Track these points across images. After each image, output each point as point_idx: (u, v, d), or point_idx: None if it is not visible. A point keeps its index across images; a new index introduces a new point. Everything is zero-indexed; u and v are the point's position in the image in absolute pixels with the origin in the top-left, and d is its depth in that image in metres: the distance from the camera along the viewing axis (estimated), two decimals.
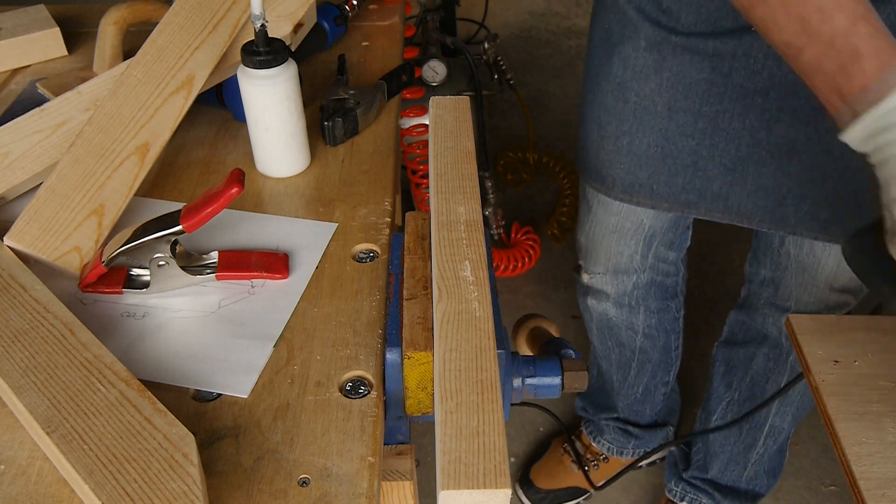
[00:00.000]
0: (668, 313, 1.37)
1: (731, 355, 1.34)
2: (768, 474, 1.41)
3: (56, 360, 0.64)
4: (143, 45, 0.88)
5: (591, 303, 1.37)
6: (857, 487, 0.72)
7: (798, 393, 1.25)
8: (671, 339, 1.41)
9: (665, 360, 1.44)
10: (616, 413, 1.54)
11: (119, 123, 0.84)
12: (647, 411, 1.53)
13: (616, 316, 1.35)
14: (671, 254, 1.27)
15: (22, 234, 0.76)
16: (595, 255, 1.26)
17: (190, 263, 0.76)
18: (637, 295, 1.30)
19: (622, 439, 1.57)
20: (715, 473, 1.44)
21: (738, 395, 1.34)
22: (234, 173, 0.72)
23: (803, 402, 1.27)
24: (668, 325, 1.38)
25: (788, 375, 1.24)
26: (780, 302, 1.19)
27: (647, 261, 1.25)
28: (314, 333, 0.71)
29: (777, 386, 1.26)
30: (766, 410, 1.30)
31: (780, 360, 1.24)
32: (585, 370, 0.75)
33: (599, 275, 1.29)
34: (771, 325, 1.22)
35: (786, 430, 1.33)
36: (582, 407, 1.63)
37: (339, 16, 1.12)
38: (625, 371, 1.45)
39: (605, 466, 1.61)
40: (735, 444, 1.38)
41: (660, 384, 1.48)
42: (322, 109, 0.94)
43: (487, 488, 0.55)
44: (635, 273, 1.27)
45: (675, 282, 1.34)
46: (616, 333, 1.39)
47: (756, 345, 1.28)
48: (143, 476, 0.56)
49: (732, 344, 1.33)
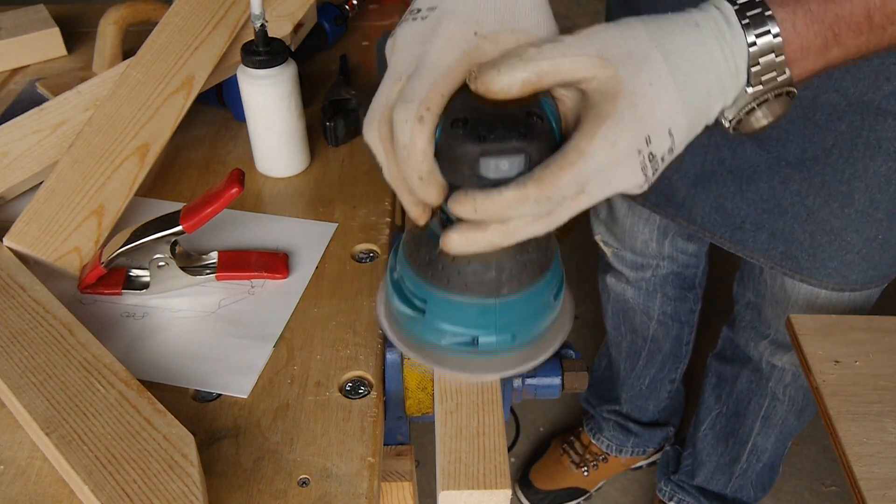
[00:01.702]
0: (684, 303, 1.37)
1: (721, 370, 1.34)
2: (756, 487, 1.41)
3: (55, 360, 0.63)
4: (143, 45, 0.88)
5: (610, 281, 1.37)
6: (858, 488, 0.72)
7: (780, 418, 1.25)
8: (684, 331, 1.41)
9: (675, 353, 1.44)
10: (618, 406, 1.55)
11: (119, 124, 0.83)
12: (651, 408, 1.53)
13: (633, 298, 1.35)
14: (691, 245, 1.26)
15: (22, 235, 0.76)
16: (614, 230, 1.27)
17: (189, 264, 0.76)
18: (655, 282, 1.31)
19: (622, 436, 1.57)
20: (701, 481, 1.45)
21: (726, 409, 1.34)
22: (234, 173, 0.72)
23: (786, 426, 1.26)
24: (683, 315, 1.38)
25: (770, 400, 1.23)
26: (762, 328, 1.17)
27: (665, 249, 1.25)
28: (314, 333, 0.71)
29: (759, 408, 1.25)
30: (749, 429, 1.30)
31: (761, 384, 1.23)
32: (585, 370, 0.75)
33: (618, 250, 1.29)
34: (752, 349, 1.21)
35: (769, 450, 1.32)
36: (585, 398, 1.62)
37: (340, 16, 1.12)
38: (633, 360, 1.45)
39: (604, 466, 1.62)
40: (721, 456, 1.38)
41: (666, 380, 1.48)
42: (324, 110, 0.94)
43: (487, 489, 0.55)
44: (654, 259, 1.27)
45: (694, 273, 1.34)
46: (630, 318, 1.39)
47: (741, 364, 1.27)
48: (142, 477, 0.56)
49: (723, 359, 1.33)
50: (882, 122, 0.81)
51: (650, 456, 1.65)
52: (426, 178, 0.49)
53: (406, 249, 0.57)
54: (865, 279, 0.95)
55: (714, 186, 0.97)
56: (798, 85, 0.52)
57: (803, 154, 0.87)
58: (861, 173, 0.85)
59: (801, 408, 1.23)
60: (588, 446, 1.62)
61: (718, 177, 0.95)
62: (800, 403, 1.22)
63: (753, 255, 0.99)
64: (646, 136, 0.47)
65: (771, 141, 0.88)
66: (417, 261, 0.56)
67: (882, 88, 0.79)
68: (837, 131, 0.83)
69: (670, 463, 1.56)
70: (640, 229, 1.21)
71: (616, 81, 0.46)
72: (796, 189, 0.90)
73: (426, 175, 0.48)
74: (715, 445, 1.39)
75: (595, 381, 1.61)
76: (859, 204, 0.87)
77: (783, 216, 0.93)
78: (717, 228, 1.00)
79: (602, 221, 1.28)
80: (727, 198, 0.96)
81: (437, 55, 0.49)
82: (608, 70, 0.46)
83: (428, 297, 0.56)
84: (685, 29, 0.48)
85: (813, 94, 0.82)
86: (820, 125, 0.83)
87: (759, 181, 0.93)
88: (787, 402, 1.22)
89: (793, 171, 0.89)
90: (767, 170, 0.91)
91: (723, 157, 0.94)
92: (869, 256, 0.93)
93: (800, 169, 0.88)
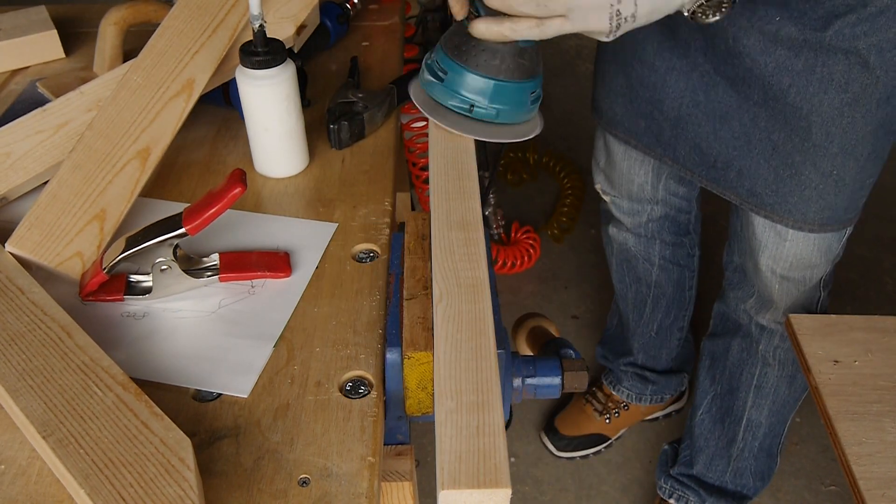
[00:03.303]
0: (682, 248, 1.44)
1: (713, 348, 1.39)
2: (755, 476, 1.43)
3: (53, 363, 0.63)
4: (143, 49, 0.88)
5: (612, 231, 1.45)
6: (857, 487, 0.72)
7: (772, 386, 1.29)
8: (685, 276, 1.48)
9: (678, 299, 1.50)
10: (632, 358, 1.62)
11: (119, 128, 0.84)
12: (664, 356, 1.60)
13: (634, 246, 1.43)
14: (681, 189, 1.33)
15: (23, 240, 0.76)
16: (611, 176, 1.33)
17: (191, 266, 0.76)
18: (652, 228, 1.38)
19: (640, 385, 1.65)
20: (700, 469, 1.47)
21: (721, 389, 1.39)
22: (235, 173, 0.72)
23: (778, 395, 1.30)
24: (682, 259, 1.45)
25: (761, 366, 1.28)
26: (747, 287, 1.23)
27: (659, 193, 1.31)
28: (314, 333, 0.72)
29: (751, 378, 1.31)
30: (742, 403, 1.35)
31: (752, 351, 1.28)
32: (585, 370, 0.75)
33: (616, 198, 1.36)
34: (742, 313, 1.27)
35: (764, 424, 1.35)
36: (602, 354, 1.72)
37: (342, 14, 1.12)
38: (640, 309, 1.53)
39: (625, 414, 1.70)
40: (718, 439, 1.42)
41: (674, 327, 1.55)
42: (329, 112, 0.94)
43: (487, 488, 0.55)
44: (649, 204, 1.34)
45: (687, 219, 1.41)
46: (634, 266, 1.46)
47: (731, 335, 1.33)
48: (139, 481, 0.55)
49: (714, 336, 1.39)
50: (832, 58, 0.88)
51: (667, 405, 1.74)
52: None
53: (444, 40, 0.86)
54: (822, 219, 1.02)
55: (691, 127, 1.06)
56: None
57: (766, 93, 0.95)
58: (816, 108, 0.92)
59: (791, 374, 1.27)
60: (610, 396, 1.70)
61: (695, 118, 1.05)
62: (790, 369, 1.26)
63: (725, 192, 1.08)
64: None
65: (739, 82, 0.97)
66: (449, 45, 0.85)
67: (832, 25, 0.86)
68: (795, 70, 0.91)
69: (669, 461, 1.58)
70: (635, 171, 1.29)
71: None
72: (764, 126, 0.98)
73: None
74: (712, 429, 1.43)
75: (609, 337, 1.70)
76: (816, 137, 0.94)
77: (751, 152, 1.01)
78: (695, 167, 1.09)
79: (601, 170, 1.35)
80: (702, 138, 1.05)
81: None
82: None
83: (449, 69, 0.85)
84: None
85: (775, 28, 0.89)
86: (780, 64, 0.92)
87: (732, 120, 1.01)
88: (777, 366, 1.27)
89: (760, 110, 0.97)
90: (738, 109, 0.99)
91: (698, 100, 1.03)
92: (825, 193, 0.99)
93: (765, 107, 0.96)
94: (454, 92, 0.86)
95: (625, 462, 1.71)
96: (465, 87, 0.85)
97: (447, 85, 0.86)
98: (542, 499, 1.64)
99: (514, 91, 0.86)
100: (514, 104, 0.87)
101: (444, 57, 0.85)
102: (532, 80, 0.86)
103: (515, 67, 0.84)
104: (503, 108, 0.86)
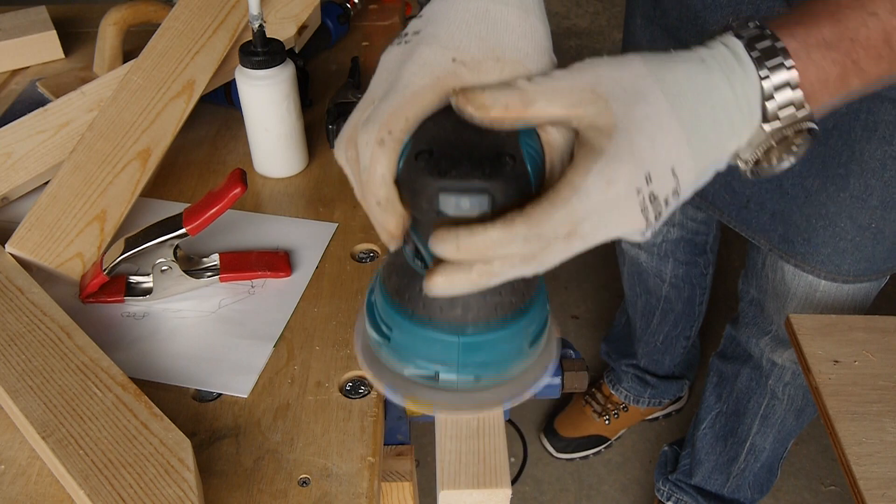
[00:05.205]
0: (695, 267, 1.41)
1: (722, 368, 1.36)
2: (753, 489, 1.42)
3: (52, 363, 0.63)
4: (144, 49, 0.88)
5: (624, 245, 1.43)
6: (857, 487, 0.72)
7: (779, 417, 1.26)
8: (696, 293, 1.46)
9: (688, 313, 1.49)
10: (635, 360, 1.62)
11: (120, 129, 0.84)
12: (667, 362, 1.60)
13: (646, 262, 1.40)
14: (700, 214, 1.28)
15: (24, 241, 0.76)
16: None
17: (191, 267, 0.76)
18: (666, 247, 1.36)
19: (639, 387, 1.64)
20: (699, 480, 1.46)
21: (726, 408, 1.36)
22: (235, 173, 0.72)
23: (784, 426, 1.28)
24: (694, 279, 1.43)
25: (769, 398, 1.25)
26: (764, 324, 1.18)
27: (675, 217, 1.28)
28: (314, 333, 0.72)
29: (758, 407, 1.28)
30: (747, 428, 1.32)
31: (761, 382, 1.25)
32: (585, 370, 0.75)
33: None
34: (754, 346, 1.22)
35: (768, 449, 1.33)
36: (606, 352, 1.71)
37: (343, 14, 1.12)
38: (648, 318, 1.51)
39: (624, 416, 1.70)
40: (720, 455, 1.40)
41: (681, 337, 1.54)
42: (329, 112, 0.94)
43: (487, 488, 0.55)
44: (665, 226, 1.30)
45: (705, 240, 1.37)
46: (644, 280, 1.45)
47: (741, 362, 1.28)
48: (138, 481, 0.56)
49: (724, 357, 1.35)
50: (879, 106, 0.82)
51: (666, 407, 1.74)
52: (384, 205, 0.45)
53: (383, 272, 0.53)
54: (858, 270, 0.96)
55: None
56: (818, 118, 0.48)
57: None
58: (857, 156, 0.86)
59: (799, 408, 1.24)
60: (609, 397, 1.70)
61: None
62: (799, 403, 1.23)
63: (755, 235, 1.00)
64: (645, 174, 0.42)
65: None
66: (390, 285, 0.52)
67: None
68: (838, 113, 0.83)
69: (668, 463, 1.58)
70: None
71: (609, 115, 0.42)
72: (798, 170, 0.90)
73: (384, 201, 0.45)
74: (714, 445, 1.41)
75: (614, 336, 1.70)
76: (854, 188, 0.88)
77: (784, 196, 0.95)
78: (724, 206, 1.01)
79: None
80: (735, 176, 0.97)
81: (407, 79, 0.46)
82: (600, 103, 0.42)
83: (394, 325, 0.52)
84: (688, 64, 0.45)
85: None
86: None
87: None
88: (786, 401, 1.23)
89: None
90: None
91: None
92: (862, 246, 0.93)
93: None
94: (406, 360, 0.52)
95: (625, 462, 1.71)
96: (420, 352, 0.51)
97: (396, 349, 0.52)
98: (542, 499, 1.64)
99: (498, 342, 0.51)
100: (501, 359, 0.52)
101: (385, 304, 0.52)
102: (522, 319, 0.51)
103: (489, 312, 0.49)
104: (483, 372, 0.52)
